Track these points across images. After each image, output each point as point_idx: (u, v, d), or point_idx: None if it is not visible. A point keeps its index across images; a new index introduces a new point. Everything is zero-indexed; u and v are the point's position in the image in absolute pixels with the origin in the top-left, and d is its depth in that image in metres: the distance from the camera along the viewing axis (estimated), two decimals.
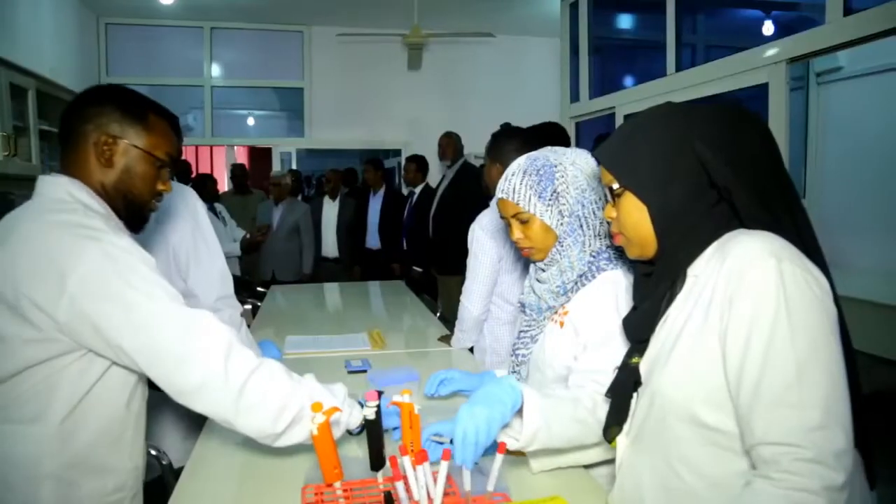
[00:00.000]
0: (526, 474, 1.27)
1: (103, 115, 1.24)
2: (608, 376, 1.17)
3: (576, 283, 1.37)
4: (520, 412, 1.19)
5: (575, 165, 1.37)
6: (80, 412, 1.15)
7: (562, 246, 1.37)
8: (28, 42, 4.41)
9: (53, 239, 1.10)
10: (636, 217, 1.03)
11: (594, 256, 1.36)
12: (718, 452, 0.94)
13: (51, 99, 3.97)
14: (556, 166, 1.36)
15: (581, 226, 1.35)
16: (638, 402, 1.08)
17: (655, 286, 1.05)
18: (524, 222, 1.38)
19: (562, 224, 1.36)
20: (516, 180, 1.37)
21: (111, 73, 6.42)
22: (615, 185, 1.05)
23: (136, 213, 1.29)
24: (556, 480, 1.25)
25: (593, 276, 1.35)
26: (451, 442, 1.15)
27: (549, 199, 1.35)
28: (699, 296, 0.97)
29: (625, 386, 1.10)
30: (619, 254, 1.37)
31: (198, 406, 1.13)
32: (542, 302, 1.42)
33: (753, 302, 0.87)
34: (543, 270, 1.42)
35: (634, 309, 1.11)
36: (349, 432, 1.30)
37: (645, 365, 1.07)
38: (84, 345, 1.11)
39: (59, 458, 1.14)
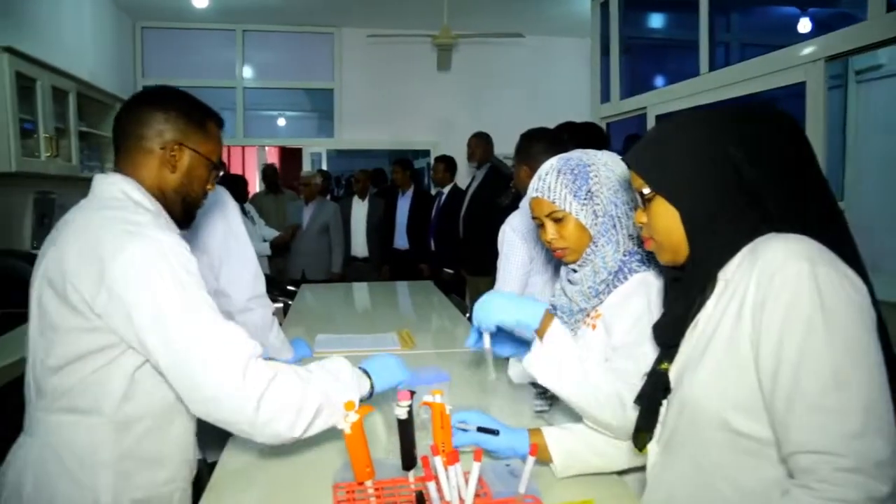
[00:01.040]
0: (559, 480, 1.26)
1: (169, 122, 1.28)
2: (636, 378, 1.18)
3: (608, 285, 1.35)
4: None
5: (607, 167, 1.37)
6: (133, 404, 1.18)
7: (596, 246, 1.36)
8: (69, 47, 4.53)
9: (100, 233, 1.15)
10: (667, 222, 1.02)
11: (627, 256, 1.35)
12: (752, 460, 0.92)
13: (90, 101, 4.07)
14: (589, 166, 1.36)
15: (614, 226, 1.35)
16: (668, 409, 1.06)
17: (685, 291, 1.04)
18: (558, 221, 1.37)
19: (595, 224, 1.35)
20: (551, 179, 1.37)
21: (146, 75, 6.56)
22: (646, 190, 1.03)
23: (189, 212, 1.36)
24: (588, 485, 1.25)
25: (625, 278, 1.34)
26: (477, 429, 1.22)
27: (584, 199, 1.34)
28: (730, 300, 0.95)
29: (654, 392, 1.08)
30: (651, 256, 1.34)
31: (212, 416, 1.14)
32: (574, 304, 1.41)
33: (786, 305, 0.85)
34: (575, 271, 1.41)
35: (664, 314, 1.10)
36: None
37: (675, 371, 1.05)
38: (121, 337, 1.14)
39: (115, 448, 1.18)
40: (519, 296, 1.39)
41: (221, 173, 1.42)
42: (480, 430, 1.25)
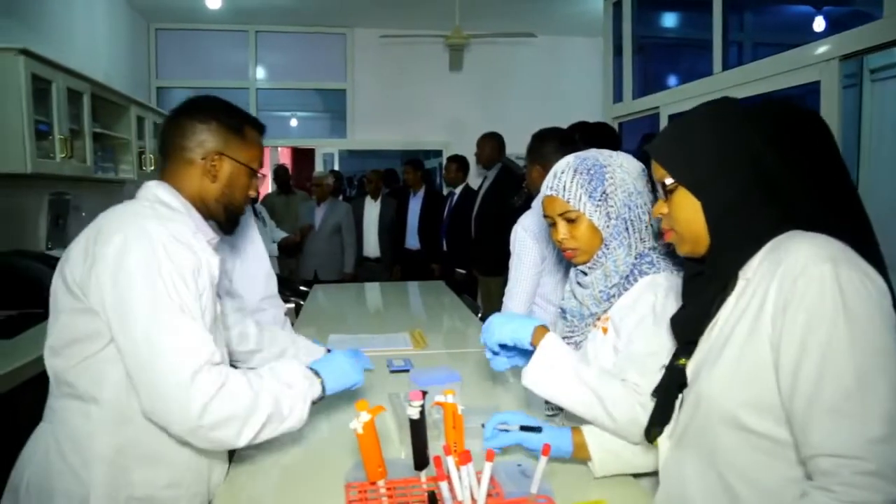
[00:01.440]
0: (570, 478, 1.26)
1: (209, 132, 1.31)
2: (644, 378, 1.21)
3: (619, 289, 1.35)
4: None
5: (622, 168, 1.36)
6: (132, 395, 1.16)
7: (607, 249, 1.35)
8: (84, 48, 4.57)
9: (105, 219, 1.20)
10: (689, 214, 1.01)
11: (637, 259, 1.34)
12: (767, 459, 0.91)
13: (104, 102, 4.09)
14: (605, 167, 1.35)
15: (627, 229, 1.34)
16: (682, 405, 1.06)
17: (705, 287, 1.03)
18: (571, 221, 1.36)
19: (608, 226, 1.34)
20: (566, 178, 1.35)
21: (160, 76, 6.61)
22: (668, 181, 1.03)
23: (232, 219, 1.39)
24: (601, 485, 1.24)
25: (635, 280, 1.33)
26: (520, 428, 1.26)
27: (599, 200, 1.33)
28: (750, 300, 0.94)
29: (670, 387, 1.08)
30: (664, 255, 1.36)
31: (156, 416, 1.13)
32: (584, 308, 1.40)
33: (809, 308, 0.85)
34: (586, 274, 1.40)
35: (683, 308, 1.09)
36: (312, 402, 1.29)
37: (692, 367, 1.05)
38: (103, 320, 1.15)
39: (113, 439, 1.17)
40: (518, 315, 1.44)
41: (263, 177, 1.45)
42: (523, 428, 1.27)
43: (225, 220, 1.38)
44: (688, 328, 1.06)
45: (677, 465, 1.06)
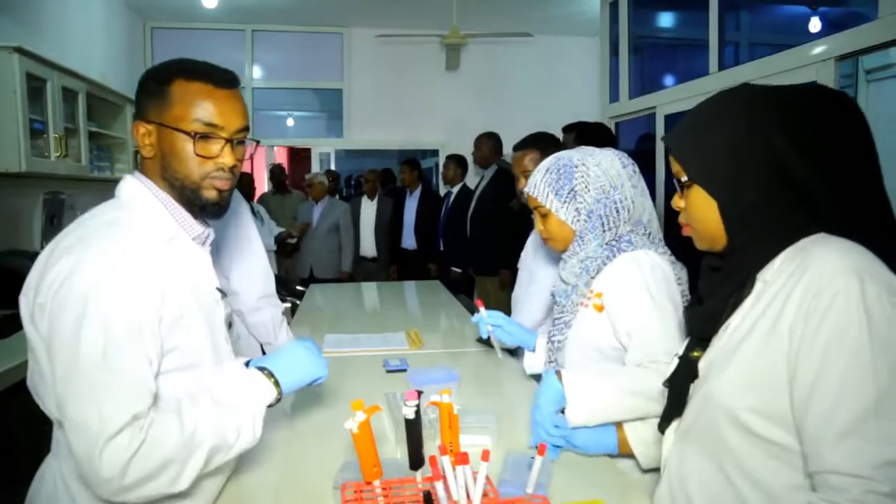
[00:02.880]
0: (566, 477, 1.26)
1: (138, 103, 1.13)
2: (662, 359, 1.29)
3: (597, 262, 1.46)
4: None
5: (599, 166, 1.48)
6: None
7: (582, 241, 1.48)
8: (79, 47, 4.56)
9: (62, 235, 1.06)
10: (705, 212, 0.97)
11: (615, 241, 1.47)
12: (774, 464, 0.90)
13: (100, 101, 4.08)
14: (577, 167, 1.48)
15: (602, 223, 1.46)
16: (691, 399, 1.04)
17: (722, 284, 0.99)
18: (543, 216, 1.53)
19: (578, 220, 1.47)
20: (538, 177, 1.52)
21: None
22: (684, 178, 0.99)
23: (194, 198, 1.14)
24: (598, 485, 1.24)
25: (614, 256, 1.45)
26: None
27: (566, 197, 1.47)
28: (768, 305, 0.90)
29: (684, 378, 1.05)
30: (642, 236, 1.49)
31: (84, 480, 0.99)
32: (568, 286, 1.52)
33: (832, 327, 0.81)
34: (566, 261, 1.53)
35: (699, 301, 1.06)
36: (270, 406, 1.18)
37: (703, 363, 1.02)
38: None
39: None
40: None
41: (226, 141, 1.14)
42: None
43: (190, 202, 1.14)
44: (702, 326, 1.04)
45: (680, 459, 1.05)
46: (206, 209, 1.16)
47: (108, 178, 4.33)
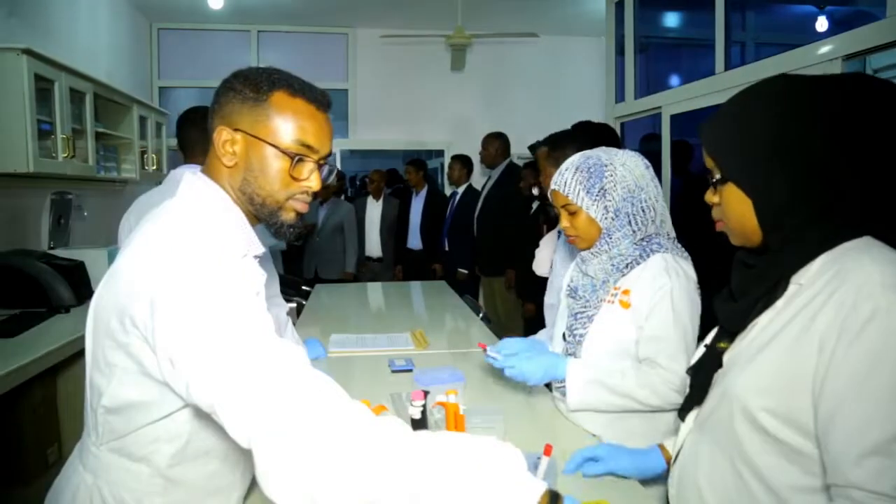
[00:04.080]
0: (571, 477, 1.26)
1: (224, 105, 1.04)
2: (675, 362, 1.38)
3: (629, 260, 1.48)
4: None
5: (625, 166, 1.50)
6: (184, 460, 1.02)
7: (610, 238, 1.50)
8: (86, 48, 4.57)
9: (156, 242, 0.95)
10: (739, 210, 0.94)
11: (646, 241, 1.49)
12: (785, 464, 0.89)
13: (107, 102, 4.10)
14: (606, 166, 1.50)
15: (630, 222, 1.49)
16: (711, 390, 1.03)
17: (754, 283, 0.96)
18: (572, 213, 1.54)
19: (606, 218, 1.49)
20: (569, 175, 1.52)
21: (163, 76, 6.61)
22: (717, 175, 0.96)
23: (271, 218, 1.06)
24: (602, 485, 1.24)
25: (647, 256, 1.47)
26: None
27: (597, 195, 1.49)
28: (800, 310, 0.88)
29: (708, 367, 1.04)
30: (671, 240, 1.52)
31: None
32: (596, 281, 1.54)
33: (867, 346, 0.79)
34: (593, 256, 1.55)
35: (730, 294, 1.03)
36: None
37: (727, 357, 1.01)
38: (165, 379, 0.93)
39: (161, 500, 1.02)
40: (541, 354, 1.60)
41: (327, 169, 1.10)
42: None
43: (263, 220, 1.07)
44: (731, 322, 1.02)
45: (694, 448, 1.05)
46: (280, 230, 1.08)
47: (115, 179, 4.35)
